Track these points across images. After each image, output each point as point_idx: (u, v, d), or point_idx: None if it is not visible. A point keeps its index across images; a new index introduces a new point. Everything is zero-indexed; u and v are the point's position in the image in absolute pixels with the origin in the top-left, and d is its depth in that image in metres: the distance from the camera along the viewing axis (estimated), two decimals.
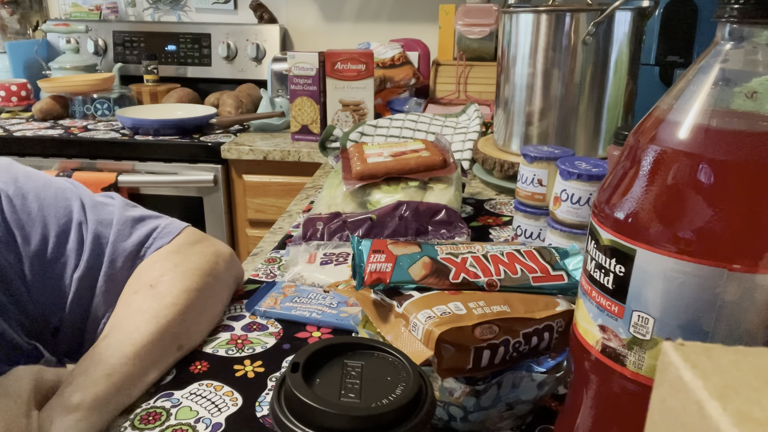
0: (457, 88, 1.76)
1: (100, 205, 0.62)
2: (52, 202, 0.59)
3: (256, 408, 0.50)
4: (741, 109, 0.31)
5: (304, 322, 0.63)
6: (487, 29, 1.76)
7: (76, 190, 0.62)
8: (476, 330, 0.41)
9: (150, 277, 0.58)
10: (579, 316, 0.38)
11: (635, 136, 0.34)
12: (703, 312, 0.31)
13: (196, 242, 0.63)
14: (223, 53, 2.06)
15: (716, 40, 0.32)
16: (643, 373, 0.33)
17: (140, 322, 0.52)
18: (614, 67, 1.02)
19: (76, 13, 2.23)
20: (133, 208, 0.64)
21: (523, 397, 0.45)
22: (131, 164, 1.62)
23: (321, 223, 0.79)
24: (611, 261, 0.34)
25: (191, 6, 2.23)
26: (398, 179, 0.85)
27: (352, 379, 0.35)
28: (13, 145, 1.64)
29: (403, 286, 0.47)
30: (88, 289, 0.59)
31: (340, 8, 2.15)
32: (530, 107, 1.07)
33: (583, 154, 1.06)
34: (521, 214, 0.80)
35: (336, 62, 1.48)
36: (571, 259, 0.51)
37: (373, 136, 1.21)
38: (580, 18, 0.99)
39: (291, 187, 1.59)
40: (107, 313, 0.59)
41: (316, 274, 0.70)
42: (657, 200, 0.31)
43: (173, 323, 0.54)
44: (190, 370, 0.55)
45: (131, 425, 0.48)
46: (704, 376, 0.18)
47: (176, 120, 1.67)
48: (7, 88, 1.90)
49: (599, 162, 0.69)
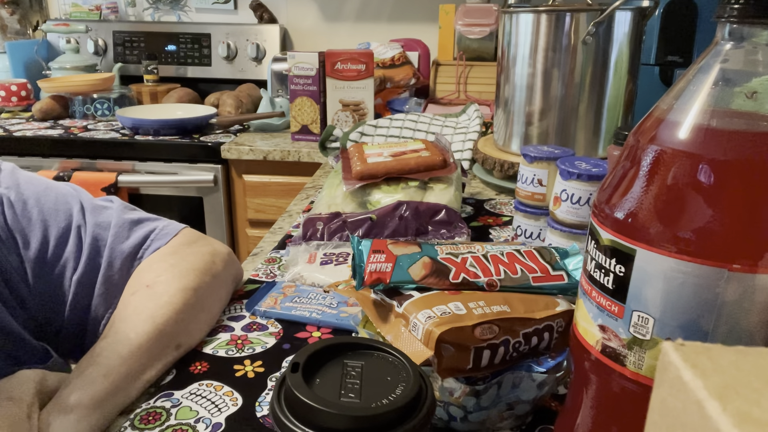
0: (457, 88, 1.76)
1: (99, 209, 0.62)
2: (52, 206, 0.60)
3: (256, 408, 0.50)
4: (741, 109, 0.31)
5: (304, 322, 0.63)
6: (487, 29, 1.76)
7: (77, 194, 0.63)
8: (476, 330, 0.41)
9: (147, 278, 0.58)
10: (579, 316, 0.38)
11: (635, 136, 0.34)
12: (703, 312, 0.31)
13: (193, 242, 0.64)
14: (223, 53, 2.06)
15: (716, 40, 0.32)
16: (643, 373, 0.33)
17: (137, 322, 0.53)
18: (614, 67, 1.02)
19: (76, 13, 2.23)
20: (131, 211, 0.64)
21: (523, 397, 0.45)
22: (131, 164, 1.62)
23: (321, 223, 0.79)
24: (611, 261, 0.34)
25: (191, 6, 2.23)
26: (398, 179, 0.85)
27: (352, 379, 0.35)
28: (13, 145, 1.64)
29: (403, 286, 0.47)
30: (87, 291, 0.59)
31: (340, 8, 2.15)
32: (530, 107, 1.07)
33: (583, 154, 1.06)
34: (521, 214, 0.80)
35: (336, 62, 1.48)
36: (571, 259, 0.51)
37: (373, 136, 1.21)
38: (580, 18, 0.99)
39: (291, 187, 1.59)
40: (106, 314, 0.59)
41: (316, 274, 0.70)
42: (657, 200, 0.31)
43: (170, 322, 0.54)
44: (190, 370, 0.55)
45: (131, 425, 0.48)
46: (704, 376, 0.18)
47: (176, 120, 1.67)
48: (7, 88, 1.90)
49: (599, 162, 0.69)
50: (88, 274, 0.59)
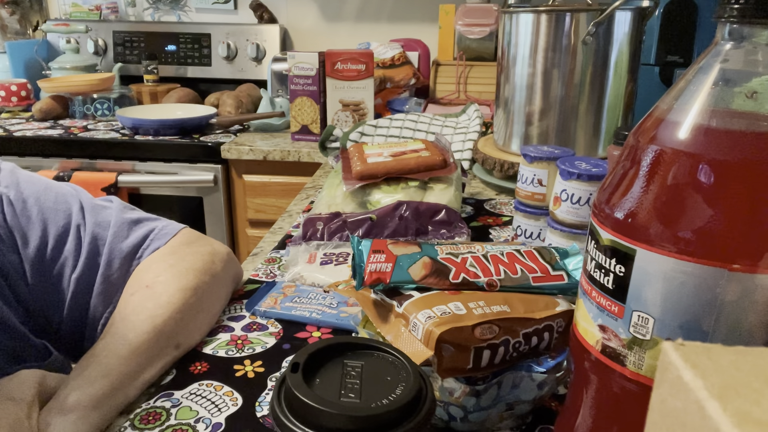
0: (457, 88, 1.76)
1: (99, 208, 0.62)
2: (51, 206, 0.60)
3: (256, 408, 0.50)
4: (741, 109, 0.31)
5: (304, 322, 0.63)
6: (487, 29, 1.76)
7: (76, 193, 0.63)
8: (476, 330, 0.41)
9: (146, 278, 0.58)
10: (579, 316, 0.38)
11: (635, 136, 0.34)
12: (703, 312, 0.31)
13: (192, 242, 0.64)
14: (223, 53, 2.06)
15: (716, 40, 0.32)
16: (643, 373, 0.33)
17: (136, 322, 0.53)
18: (614, 67, 1.02)
19: (76, 13, 2.23)
20: (131, 211, 0.64)
21: (523, 397, 0.45)
22: (131, 164, 1.62)
23: (321, 223, 0.79)
24: (611, 261, 0.34)
25: (191, 6, 2.23)
26: (398, 179, 0.85)
27: (352, 379, 0.35)
28: (13, 145, 1.64)
29: (403, 286, 0.47)
30: (85, 290, 0.59)
31: (340, 8, 2.15)
32: (530, 107, 1.07)
33: (583, 154, 1.06)
34: (521, 214, 0.80)
35: (336, 62, 1.48)
36: (571, 259, 0.51)
37: (373, 136, 1.21)
38: (580, 18, 0.99)
39: (291, 187, 1.59)
40: (105, 313, 0.59)
41: (316, 274, 0.70)
42: (657, 200, 0.31)
43: (169, 322, 0.54)
44: (190, 370, 0.55)
45: (131, 425, 0.48)
46: (704, 376, 0.18)
47: (176, 120, 1.67)
48: (7, 88, 1.90)
49: (599, 162, 0.69)
50: (86, 273, 0.59)
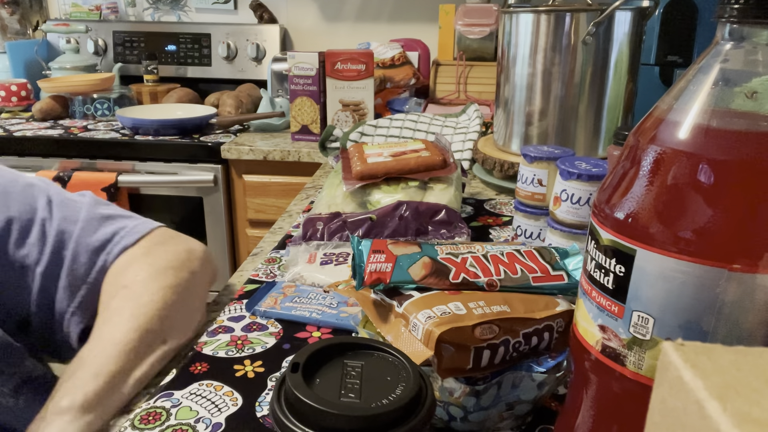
0: (457, 88, 1.76)
1: (69, 202, 0.62)
2: (17, 197, 0.60)
3: (256, 408, 0.50)
4: (741, 109, 0.31)
5: (304, 322, 0.63)
6: (487, 29, 1.76)
7: (46, 187, 0.63)
8: (476, 330, 0.41)
9: (124, 280, 0.58)
10: (579, 316, 0.38)
11: (635, 136, 0.34)
12: (703, 312, 0.31)
13: (166, 241, 0.64)
14: (223, 53, 2.06)
15: (716, 40, 0.32)
16: (643, 373, 0.33)
17: (119, 322, 0.53)
18: (614, 67, 1.02)
19: (76, 13, 2.23)
20: (104, 206, 0.64)
21: (523, 397, 0.45)
22: (131, 164, 1.62)
23: (321, 223, 0.79)
24: (611, 261, 0.34)
25: (191, 6, 2.23)
26: (398, 179, 0.85)
27: (352, 379, 0.35)
28: (13, 145, 1.64)
29: (403, 286, 0.47)
30: (52, 284, 0.59)
31: (340, 8, 2.15)
32: (530, 107, 1.07)
33: (583, 154, 1.06)
34: (521, 214, 0.80)
35: (336, 62, 1.48)
36: (571, 259, 0.51)
37: (373, 136, 1.21)
38: (580, 18, 0.99)
39: (291, 187, 1.59)
40: (69, 307, 0.60)
41: (316, 274, 0.70)
42: (657, 200, 0.31)
43: (153, 319, 0.54)
44: (190, 370, 0.55)
45: (131, 425, 0.48)
46: (704, 376, 0.18)
47: (176, 120, 1.67)
48: (7, 88, 1.90)
49: (599, 162, 0.69)
50: (52, 267, 0.59)
